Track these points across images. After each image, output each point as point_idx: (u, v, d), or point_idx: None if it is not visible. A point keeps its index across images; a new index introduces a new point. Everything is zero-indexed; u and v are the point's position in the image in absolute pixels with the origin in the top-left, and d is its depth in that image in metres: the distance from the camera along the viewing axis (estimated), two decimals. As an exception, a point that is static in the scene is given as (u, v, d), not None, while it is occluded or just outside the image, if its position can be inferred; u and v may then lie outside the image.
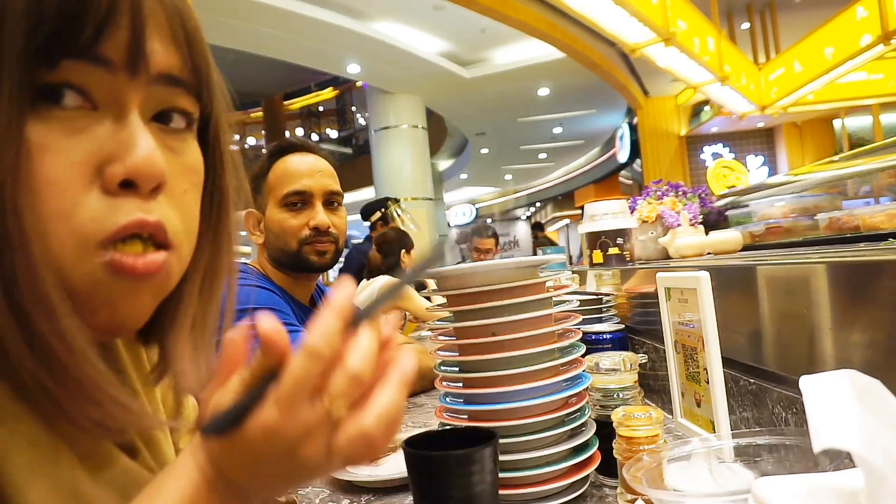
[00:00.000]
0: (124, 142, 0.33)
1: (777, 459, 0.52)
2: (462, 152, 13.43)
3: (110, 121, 0.33)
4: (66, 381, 0.32)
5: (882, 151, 1.78)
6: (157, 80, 0.35)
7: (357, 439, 0.32)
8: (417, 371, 1.33)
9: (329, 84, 13.68)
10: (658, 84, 8.88)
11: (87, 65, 0.32)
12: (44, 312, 0.30)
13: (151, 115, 0.36)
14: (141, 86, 0.34)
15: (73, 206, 0.32)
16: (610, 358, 0.78)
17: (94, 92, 0.33)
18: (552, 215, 19.39)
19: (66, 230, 0.31)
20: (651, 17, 4.87)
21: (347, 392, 0.32)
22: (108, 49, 0.32)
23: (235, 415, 0.32)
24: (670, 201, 1.66)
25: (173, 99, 0.37)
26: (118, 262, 0.33)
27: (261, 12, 5.73)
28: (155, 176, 0.34)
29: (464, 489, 0.52)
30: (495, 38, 7.42)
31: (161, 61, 0.35)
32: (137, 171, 0.33)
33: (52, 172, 0.31)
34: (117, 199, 0.33)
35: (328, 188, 1.26)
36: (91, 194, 0.32)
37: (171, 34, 0.36)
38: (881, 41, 5.52)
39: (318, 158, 1.29)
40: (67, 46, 0.31)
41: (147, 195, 0.34)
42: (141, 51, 0.33)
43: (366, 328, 0.34)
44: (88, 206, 0.32)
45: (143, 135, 0.34)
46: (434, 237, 8.30)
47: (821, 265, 0.66)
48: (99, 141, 0.33)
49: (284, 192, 1.23)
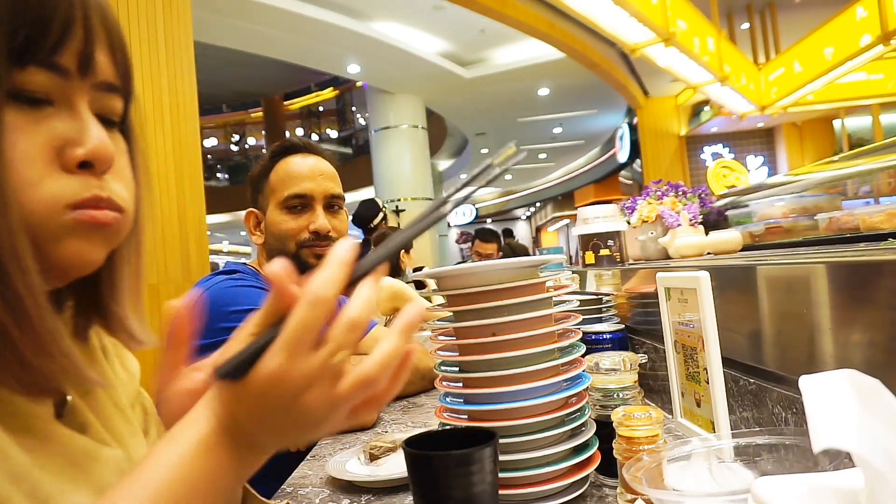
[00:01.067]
0: (80, 130, 0.40)
1: (777, 459, 0.52)
2: (462, 152, 13.44)
3: (65, 114, 0.40)
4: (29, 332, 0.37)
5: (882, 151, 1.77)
6: (100, 87, 0.43)
7: (359, 384, 0.35)
8: (418, 370, 1.32)
9: (329, 84, 13.68)
10: (658, 84, 8.88)
11: (47, 71, 0.39)
12: (19, 269, 0.36)
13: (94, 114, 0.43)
14: (88, 89, 0.42)
15: (41, 177, 0.38)
16: (610, 358, 0.78)
17: (52, 92, 0.40)
18: (552, 215, 19.39)
19: (36, 196, 0.38)
20: (651, 18, 4.87)
21: (347, 338, 0.35)
22: (64, 59, 0.40)
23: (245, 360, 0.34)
24: (670, 201, 1.66)
25: (110, 101, 0.44)
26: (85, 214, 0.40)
27: (261, 12, 5.73)
28: (108, 158, 0.41)
29: (464, 489, 0.52)
30: (495, 38, 7.42)
31: (104, 70, 0.43)
32: (94, 154, 0.40)
33: (23, 148, 0.38)
34: (76, 177, 0.40)
35: (329, 191, 1.25)
36: (54, 171, 0.39)
37: (109, 46, 0.43)
38: (881, 41, 5.52)
39: (321, 160, 1.28)
40: (32, 55, 0.38)
41: (100, 174, 0.41)
42: (91, 61, 0.41)
43: (366, 281, 0.37)
44: (53, 180, 0.39)
45: (95, 126, 0.41)
46: (433, 237, 8.30)
47: (820, 265, 0.66)
48: (57, 129, 0.40)
49: (285, 194, 1.22)
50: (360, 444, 1.01)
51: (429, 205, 0.37)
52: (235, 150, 15.95)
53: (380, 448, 0.90)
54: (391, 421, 1.16)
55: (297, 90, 14.07)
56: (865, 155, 1.88)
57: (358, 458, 0.91)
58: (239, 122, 15.83)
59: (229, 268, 1.27)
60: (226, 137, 15.90)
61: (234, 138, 16.00)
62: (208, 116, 15.02)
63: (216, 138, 15.80)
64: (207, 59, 9.35)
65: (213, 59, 9.48)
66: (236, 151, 15.95)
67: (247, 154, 15.92)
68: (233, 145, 15.94)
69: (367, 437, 1.07)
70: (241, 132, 16.06)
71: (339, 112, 14.67)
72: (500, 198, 19.61)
